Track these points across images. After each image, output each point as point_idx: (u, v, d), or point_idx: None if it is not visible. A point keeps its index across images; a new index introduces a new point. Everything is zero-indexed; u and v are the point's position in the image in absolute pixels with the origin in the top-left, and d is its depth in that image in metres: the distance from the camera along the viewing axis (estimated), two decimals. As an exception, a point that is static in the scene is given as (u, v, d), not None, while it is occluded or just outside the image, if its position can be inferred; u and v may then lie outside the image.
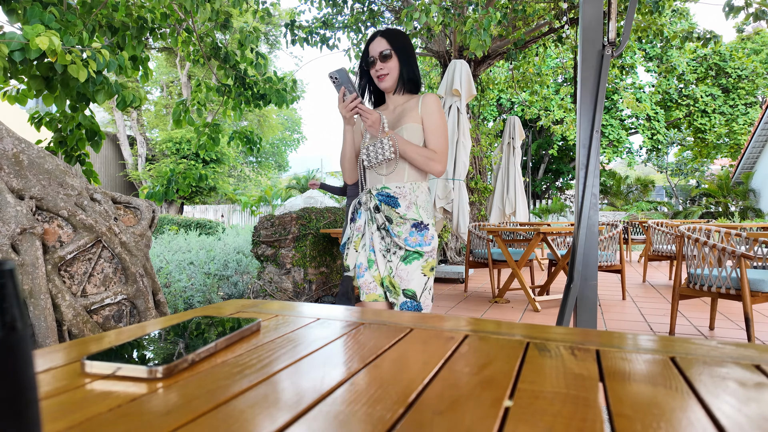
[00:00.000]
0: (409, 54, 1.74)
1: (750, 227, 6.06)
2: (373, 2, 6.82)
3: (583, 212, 1.71)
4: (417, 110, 1.70)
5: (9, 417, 0.22)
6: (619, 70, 9.10)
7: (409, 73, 1.74)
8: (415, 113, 1.70)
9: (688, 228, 3.32)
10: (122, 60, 2.34)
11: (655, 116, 16.82)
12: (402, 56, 1.72)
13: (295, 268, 4.16)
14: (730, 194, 14.25)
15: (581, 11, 1.77)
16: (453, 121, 5.37)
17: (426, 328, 0.65)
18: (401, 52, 1.72)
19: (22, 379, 0.22)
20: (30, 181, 2.00)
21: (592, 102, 1.73)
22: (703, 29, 7.04)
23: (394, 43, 1.71)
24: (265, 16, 4.13)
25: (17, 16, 2.37)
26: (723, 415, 0.36)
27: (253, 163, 22.42)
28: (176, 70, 17.49)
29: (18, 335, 0.22)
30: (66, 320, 1.96)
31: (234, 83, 3.86)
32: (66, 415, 0.36)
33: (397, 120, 1.73)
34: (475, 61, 7.28)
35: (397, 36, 1.73)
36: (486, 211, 7.91)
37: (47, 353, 0.51)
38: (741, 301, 2.79)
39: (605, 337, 0.59)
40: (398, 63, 1.72)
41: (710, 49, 16.80)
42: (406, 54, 1.73)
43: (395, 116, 1.75)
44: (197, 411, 0.37)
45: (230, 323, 0.62)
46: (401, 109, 1.75)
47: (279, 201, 14.64)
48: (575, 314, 1.75)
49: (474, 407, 0.38)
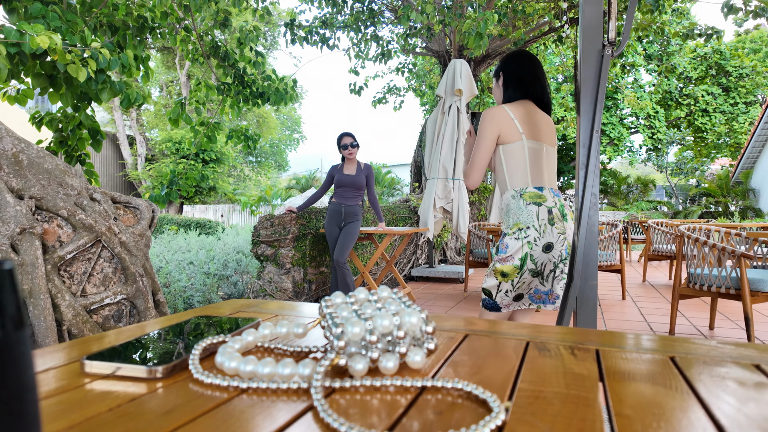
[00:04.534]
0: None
1: (750, 227, 6.07)
2: (373, 2, 6.82)
3: (583, 212, 1.71)
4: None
5: (9, 417, 0.22)
6: (621, 69, 9.10)
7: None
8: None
9: (688, 228, 3.32)
10: (125, 59, 2.33)
11: (655, 115, 16.81)
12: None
13: (295, 268, 4.16)
14: (729, 194, 14.25)
15: (581, 11, 1.77)
16: (453, 121, 5.38)
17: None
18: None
19: (21, 379, 0.22)
20: (29, 181, 2.00)
21: (593, 101, 1.73)
22: (704, 25, 7.04)
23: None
24: (265, 15, 4.13)
25: (18, 15, 2.37)
26: (723, 414, 0.36)
27: (252, 163, 22.40)
28: (175, 69, 17.49)
29: (17, 335, 0.22)
30: (66, 320, 1.96)
31: (233, 82, 3.86)
32: (66, 414, 0.36)
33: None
34: (475, 60, 7.28)
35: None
36: (486, 210, 7.91)
37: (47, 353, 0.51)
38: (741, 301, 2.79)
39: (605, 336, 0.59)
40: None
41: (710, 48, 16.80)
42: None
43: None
44: (197, 411, 0.37)
45: (230, 323, 0.62)
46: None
47: (279, 201, 14.64)
48: (575, 314, 1.75)
49: (474, 407, 0.38)
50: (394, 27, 7.39)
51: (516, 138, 1.81)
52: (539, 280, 1.82)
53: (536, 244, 1.76)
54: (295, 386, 0.41)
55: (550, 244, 1.77)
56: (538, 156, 1.83)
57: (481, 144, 1.82)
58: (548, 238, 1.77)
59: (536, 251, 1.77)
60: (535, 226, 1.76)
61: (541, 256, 1.77)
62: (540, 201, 1.78)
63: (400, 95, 9.78)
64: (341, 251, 3.85)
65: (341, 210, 3.99)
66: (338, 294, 0.56)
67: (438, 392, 0.41)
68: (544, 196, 1.79)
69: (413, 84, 10.60)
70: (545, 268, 1.79)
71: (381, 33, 7.19)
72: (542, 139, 1.85)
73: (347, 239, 3.90)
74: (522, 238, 1.77)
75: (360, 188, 4.04)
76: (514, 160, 1.82)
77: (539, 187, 1.81)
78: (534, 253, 1.77)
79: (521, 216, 1.78)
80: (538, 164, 1.83)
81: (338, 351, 0.44)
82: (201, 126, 3.80)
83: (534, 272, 1.79)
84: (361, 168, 4.07)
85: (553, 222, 1.77)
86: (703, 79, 17.29)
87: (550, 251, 1.78)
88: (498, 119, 1.81)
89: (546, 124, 1.89)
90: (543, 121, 1.88)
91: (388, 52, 7.01)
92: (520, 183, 1.82)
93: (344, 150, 4.00)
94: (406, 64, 9.47)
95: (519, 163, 1.81)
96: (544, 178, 1.84)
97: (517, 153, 1.81)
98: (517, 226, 1.78)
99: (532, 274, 1.79)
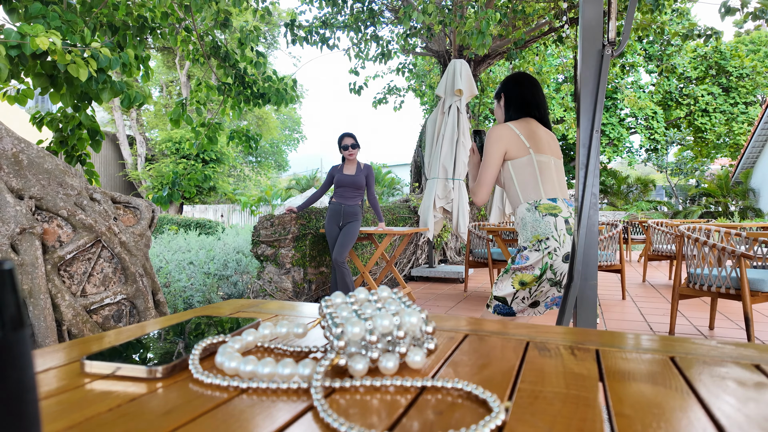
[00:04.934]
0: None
1: (750, 227, 6.07)
2: (373, 2, 6.81)
3: (583, 212, 1.71)
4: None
5: (9, 417, 0.21)
6: (620, 69, 9.10)
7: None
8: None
9: (688, 228, 3.32)
10: (126, 58, 2.33)
11: (654, 116, 16.80)
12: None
13: (295, 268, 4.16)
14: (729, 194, 14.25)
15: (581, 11, 1.77)
16: (453, 121, 5.37)
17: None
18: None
19: (21, 379, 0.22)
20: (29, 181, 2.00)
21: (592, 102, 1.73)
22: (704, 26, 7.04)
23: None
24: (266, 15, 4.13)
25: (18, 16, 2.37)
26: (723, 414, 0.36)
27: (252, 163, 22.40)
28: (175, 69, 17.48)
29: (17, 335, 0.22)
30: (65, 320, 1.96)
31: (234, 82, 3.86)
32: (66, 414, 0.36)
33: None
34: (475, 60, 7.28)
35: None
36: (486, 210, 7.91)
37: (47, 353, 0.51)
38: (741, 301, 2.79)
39: (605, 337, 0.59)
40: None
41: (710, 48, 16.79)
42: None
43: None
44: (197, 411, 0.37)
45: (230, 323, 0.62)
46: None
47: (279, 201, 14.64)
48: (575, 314, 1.75)
49: (474, 407, 0.38)
50: (394, 27, 7.39)
51: (524, 153, 1.83)
52: (557, 289, 1.83)
53: (557, 254, 1.78)
54: (295, 386, 0.41)
55: (569, 253, 1.78)
56: (547, 168, 1.84)
57: (489, 162, 1.84)
58: (568, 247, 1.78)
59: (557, 261, 1.78)
60: (555, 236, 1.77)
61: (561, 266, 1.79)
62: (555, 212, 1.79)
63: (400, 95, 9.79)
64: (340, 251, 3.86)
65: (341, 210, 3.99)
66: (338, 294, 0.56)
67: (438, 392, 0.41)
68: (559, 207, 1.81)
69: (413, 84, 10.60)
70: (563, 277, 1.80)
71: (381, 33, 7.19)
72: (549, 153, 1.87)
73: (346, 239, 3.90)
74: (543, 249, 1.78)
75: (360, 188, 4.05)
76: (524, 174, 1.83)
77: (553, 199, 1.82)
78: (554, 263, 1.78)
79: (539, 228, 1.79)
80: (548, 176, 1.84)
81: (338, 351, 0.44)
82: (202, 127, 3.80)
83: (552, 282, 1.80)
84: (361, 168, 4.07)
85: (571, 231, 1.78)
86: (703, 79, 17.28)
87: (569, 260, 1.79)
88: (505, 137, 1.84)
89: (551, 138, 1.92)
90: (547, 136, 1.91)
91: (388, 52, 7.01)
92: (534, 195, 1.83)
93: (344, 150, 4.01)
94: (406, 64, 9.47)
95: (529, 177, 1.83)
96: (555, 189, 1.85)
97: (526, 167, 1.83)
98: (537, 238, 1.79)
99: (551, 283, 1.80)
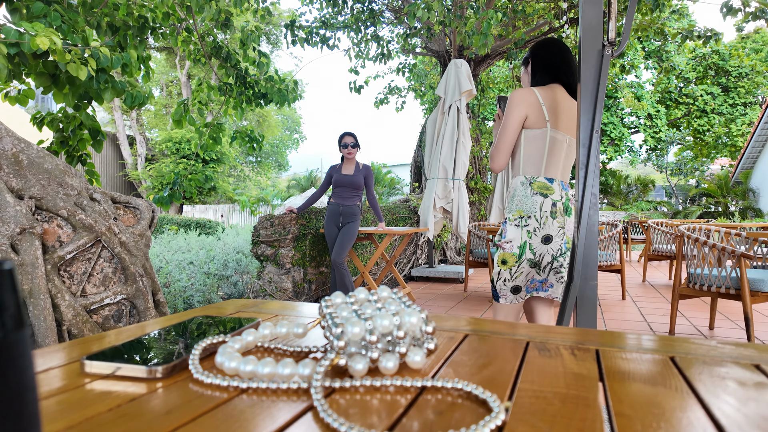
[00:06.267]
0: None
1: (750, 227, 6.07)
2: (374, 2, 6.82)
3: (583, 212, 1.71)
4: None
5: (9, 417, 0.22)
6: (620, 69, 9.10)
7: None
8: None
9: (687, 228, 3.31)
10: (128, 58, 2.33)
11: (656, 114, 16.79)
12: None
13: (295, 268, 4.16)
14: (729, 194, 14.25)
15: (581, 11, 1.77)
16: (453, 121, 5.38)
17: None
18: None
19: (21, 379, 0.22)
20: (29, 181, 2.00)
21: (592, 102, 1.73)
22: (703, 27, 7.03)
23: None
24: (266, 15, 4.13)
25: (20, 15, 2.37)
26: (722, 414, 0.36)
27: (252, 163, 22.39)
28: (176, 69, 17.48)
29: (17, 335, 0.22)
30: (65, 320, 1.96)
31: (235, 82, 3.86)
32: (65, 414, 0.36)
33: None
34: (475, 60, 7.28)
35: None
36: (486, 211, 7.91)
37: (47, 353, 0.51)
38: (741, 301, 2.79)
39: (605, 337, 0.59)
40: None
41: (710, 48, 16.78)
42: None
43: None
44: (197, 411, 0.37)
45: (230, 323, 0.62)
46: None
47: (279, 201, 14.64)
48: (575, 314, 1.75)
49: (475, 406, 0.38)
50: (394, 27, 7.39)
51: (541, 125, 1.79)
52: (536, 271, 1.83)
53: (536, 235, 1.78)
54: (295, 386, 0.41)
55: (549, 236, 1.78)
56: (558, 147, 1.82)
57: (508, 125, 1.80)
58: (548, 230, 1.78)
59: (535, 241, 1.78)
60: (537, 216, 1.77)
61: (540, 247, 1.79)
62: (546, 192, 1.79)
63: (401, 96, 9.80)
64: (339, 252, 3.85)
65: (339, 210, 3.99)
66: (338, 294, 0.56)
67: (438, 392, 0.41)
68: (552, 188, 1.80)
69: (413, 84, 10.61)
70: (543, 259, 1.80)
71: (381, 33, 7.18)
72: (566, 131, 1.84)
73: (345, 240, 3.90)
74: (522, 227, 1.79)
75: (358, 188, 4.04)
76: (533, 148, 1.81)
77: (550, 179, 1.82)
78: (533, 243, 1.78)
79: (525, 204, 1.79)
80: (556, 155, 1.82)
81: (338, 351, 0.44)
82: (205, 127, 3.80)
83: (532, 263, 1.80)
84: (360, 168, 4.07)
85: (555, 215, 1.78)
86: (702, 80, 17.28)
87: (548, 243, 1.79)
88: (527, 101, 1.79)
89: (574, 113, 1.86)
90: (570, 109, 1.85)
91: (388, 52, 7.01)
92: (533, 171, 1.82)
93: (344, 149, 4.00)
94: (407, 65, 9.48)
95: (537, 151, 1.81)
96: (558, 169, 1.83)
97: (538, 141, 1.81)
98: (519, 213, 1.80)
99: (530, 264, 1.81)
